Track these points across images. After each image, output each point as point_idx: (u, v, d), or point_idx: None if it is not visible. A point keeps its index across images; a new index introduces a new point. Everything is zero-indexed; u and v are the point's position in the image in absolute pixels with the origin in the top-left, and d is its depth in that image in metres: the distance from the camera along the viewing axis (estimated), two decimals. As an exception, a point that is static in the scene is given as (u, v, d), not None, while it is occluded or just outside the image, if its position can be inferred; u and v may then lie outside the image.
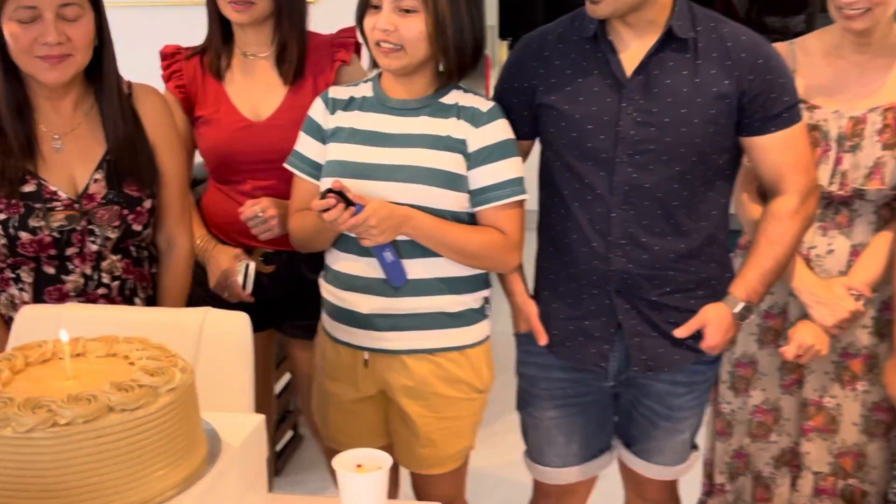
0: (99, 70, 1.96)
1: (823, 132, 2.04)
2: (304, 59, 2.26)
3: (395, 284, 1.91)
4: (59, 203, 1.93)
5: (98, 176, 1.97)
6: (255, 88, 2.28)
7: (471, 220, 1.95)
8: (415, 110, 1.93)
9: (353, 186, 1.85)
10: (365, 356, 2.00)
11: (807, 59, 2.08)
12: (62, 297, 1.95)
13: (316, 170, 1.99)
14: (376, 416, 2.08)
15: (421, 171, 1.88)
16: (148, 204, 2.01)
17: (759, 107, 1.87)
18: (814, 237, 2.07)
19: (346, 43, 2.31)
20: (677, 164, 1.87)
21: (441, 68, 1.93)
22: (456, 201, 1.91)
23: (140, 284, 2.05)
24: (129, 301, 2.02)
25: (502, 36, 5.93)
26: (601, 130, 1.87)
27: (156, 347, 1.37)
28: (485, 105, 1.93)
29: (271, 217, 2.08)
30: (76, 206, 1.94)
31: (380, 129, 1.94)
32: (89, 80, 1.98)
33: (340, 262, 1.98)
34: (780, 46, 2.05)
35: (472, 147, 1.90)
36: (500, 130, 1.92)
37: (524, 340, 2.09)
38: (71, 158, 1.96)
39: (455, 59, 1.89)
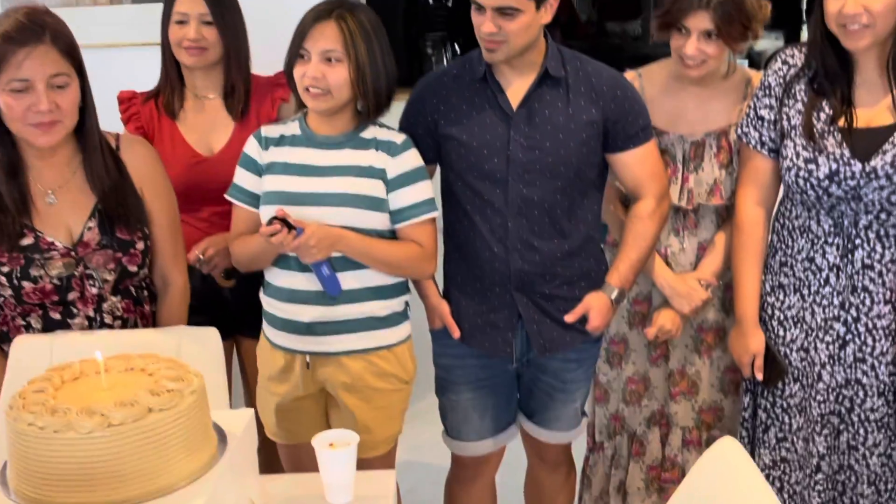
0: (83, 129, 2.09)
1: (671, 155, 2.45)
2: (249, 98, 2.58)
3: (331, 294, 2.22)
4: (56, 252, 2.08)
5: (91, 224, 2.11)
6: (206, 126, 2.59)
7: (392, 235, 2.27)
8: (339, 144, 2.24)
9: (291, 212, 2.14)
10: (307, 359, 2.30)
11: (652, 89, 2.49)
12: None
13: (253, 199, 2.27)
14: (316, 412, 2.37)
15: (348, 196, 2.20)
16: (140, 245, 2.16)
17: (619, 129, 2.29)
18: (669, 238, 2.49)
19: (285, 83, 2.63)
20: (558, 179, 2.27)
21: (359, 108, 2.24)
22: (379, 221, 2.23)
23: (141, 322, 2.20)
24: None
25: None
26: (495, 155, 2.25)
27: (167, 360, 1.67)
28: (398, 138, 2.26)
29: (211, 256, 2.42)
30: (72, 253, 2.09)
31: (310, 162, 2.23)
32: (77, 137, 2.11)
33: (281, 278, 2.27)
34: (629, 75, 2.47)
35: (391, 174, 2.22)
36: (413, 158, 2.25)
37: (439, 335, 2.44)
38: (64, 210, 2.10)
39: (373, 101, 2.20)
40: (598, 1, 6.54)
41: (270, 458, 2.46)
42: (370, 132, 2.26)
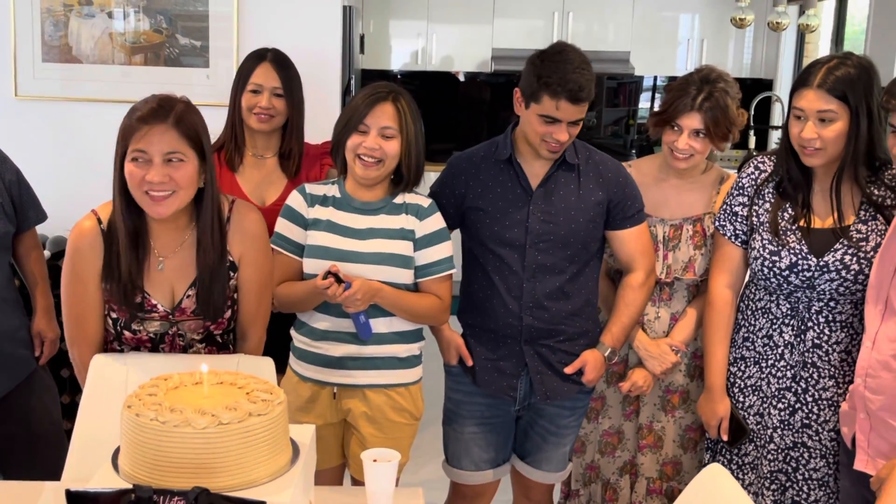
0: (200, 205, 2.30)
1: (653, 235, 2.84)
2: (301, 161, 2.96)
3: (364, 337, 2.55)
4: (156, 314, 2.33)
5: (191, 293, 2.34)
6: (261, 181, 2.96)
7: (414, 287, 2.62)
8: (376, 210, 2.59)
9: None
10: (334, 390, 2.62)
11: (641, 178, 2.88)
12: None
13: (297, 249, 2.59)
14: (334, 441, 2.68)
15: (384, 256, 2.54)
16: (228, 314, 2.39)
17: (620, 210, 2.68)
18: (648, 308, 2.87)
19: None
20: (568, 249, 2.65)
21: (401, 177, 2.58)
22: (407, 276, 2.58)
23: None
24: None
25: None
26: (515, 225, 2.62)
27: (248, 377, 1.98)
28: (425, 202, 2.62)
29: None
30: (170, 316, 2.34)
31: (350, 225, 2.57)
32: (194, 211, 2.31)
33: (319, 321, 2.59)
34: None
35: (418, 234, 2.58)
36: (438, 221, 2.62)
37: (453, 373, 2.80)
38: (170, 276, 2.33)
39: (414, 173, 2.58)
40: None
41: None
42: (401, 198, 2.61)
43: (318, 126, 3.03)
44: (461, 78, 7.38)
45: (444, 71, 7.20)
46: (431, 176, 6.21)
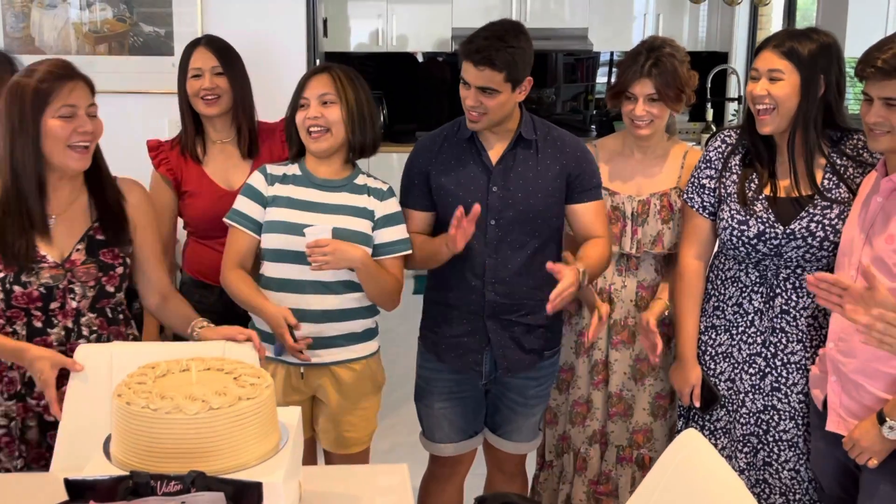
0: (96, 163, 2.46)
1: (622, 211, 2.89)
2: (256, 139, 3.01)
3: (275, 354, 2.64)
4: (46, 265, 2.40)
5: (80, 247, 2.44)
6: (226, 165, 3.01)
7: None
8: (337, 187, 2.68)
9: (295, 242, 2.56)
10: (301, 370, 2.70)
11: (606, 156, 2.95)
12: (48, 347, 2.39)
13: (254, 225, 2.66)
14: (303, 415, 2.71)
15: (345, 232, 2.61)
16: (119, 270, 2.49)
17: (577, 184, 2.73)
18: (614, 277, 2.93)
19: None
20: (528, 224, 2.70)
21: (351, 148, 2.67)
22: None
23: (117, 340, 2.51)
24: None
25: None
26: (476, 202, 2.64)
27: (235, 361, 2.01)
28: (384, 185, 2.74)
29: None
30: (60, 267, 2.41)
31: (312, 200, 2.65)
32: (87, 171, 2.46)
33: (276, 301, 2.64)
34: (587, 145, 2.94)
35: (378, 215, 2.68)
36: (396, 204, 2.73)
37: (422, 350, 2.87)
38: (60, 232, 2.43)
39: (360, 140, 2.65)
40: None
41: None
42: (362, 179, 2.71)
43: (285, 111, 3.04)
44: (420, 58, 7.39)
45: (404, 51, 7.20)
46: (395, 158, 6.28)
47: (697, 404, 2.77)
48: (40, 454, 2.47)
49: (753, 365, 2.69)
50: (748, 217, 2.61)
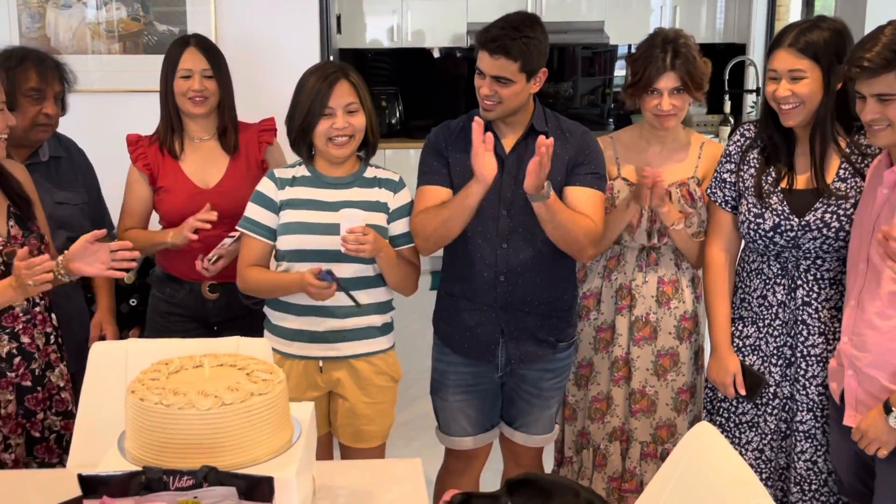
0: None
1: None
2: (237, 138, 3.06)
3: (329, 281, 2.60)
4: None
5: (11, 223, 2.55)
6: (203, 163, 3.05)
7: None
8: (348, 184, 2.70)
9: (312, 241, 2.60)
10: (320, 363, 2.71)
11: (623, 149, 2.93)
12: (15, 318, 2.54)
13: (268, 232, 2.69)
14: (320, 411, 2.76)
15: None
16: (46, 239, 2.65)
17: (578, 167, 2.72)
18: (635, 273, 2.92)
19: (270, 128, 3.13)
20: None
21: (360, 153, 2.72)
22: None
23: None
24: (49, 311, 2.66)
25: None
26: (489, 192, 2.62)
27: (248, 357, 2.02)
28: (395, 176, 2.77)
29: (218, 267, 2.88)
30: (8, 244, 2.52)
31: (324, 199, 2.68)
32: None
33: (301, 297, 2.65)
34: (603, 139, 2.92)
35: (392, 207, 2.71)
36: (408, 194, 2.75)
37: (438, 344, 2.86)
38: None
39: (374, 143, 2.72)
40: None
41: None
42: (371, 172, 2.75)
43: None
44: (436, 54, 7.37)
45: (419, 47, 7.19)
46: (411, 154, 6.26)
47: (743, 392, 2.74)
48: (18, 424, 2.54)
49: (782, 357, 2.67)
50: (763, 210, 2.60)
